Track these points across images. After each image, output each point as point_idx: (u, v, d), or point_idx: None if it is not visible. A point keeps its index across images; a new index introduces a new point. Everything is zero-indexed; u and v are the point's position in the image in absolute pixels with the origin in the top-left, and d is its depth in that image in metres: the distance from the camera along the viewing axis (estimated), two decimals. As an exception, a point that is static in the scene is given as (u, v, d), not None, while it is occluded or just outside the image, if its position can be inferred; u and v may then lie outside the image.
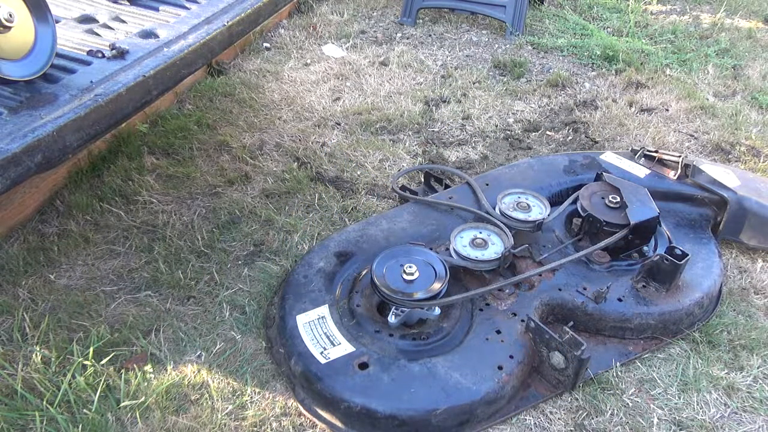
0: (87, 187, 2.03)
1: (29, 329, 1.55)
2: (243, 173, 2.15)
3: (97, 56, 1.50)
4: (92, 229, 1.88)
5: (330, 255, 1.68)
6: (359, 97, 2.66)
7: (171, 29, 1.66)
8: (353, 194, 2.09)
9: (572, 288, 1.60)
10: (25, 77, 1.36)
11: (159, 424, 1.36)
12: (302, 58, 2.97)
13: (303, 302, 1.54)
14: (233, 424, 1.37)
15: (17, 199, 1.85)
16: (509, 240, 1.64)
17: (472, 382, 1.35)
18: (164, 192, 2.04)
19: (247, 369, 1.49)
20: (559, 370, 1.42)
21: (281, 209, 2.00)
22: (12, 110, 1.26)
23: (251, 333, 1.59)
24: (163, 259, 1.77)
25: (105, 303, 1.65)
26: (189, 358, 1.51)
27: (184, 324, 1.60)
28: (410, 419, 1.32)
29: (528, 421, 1.40)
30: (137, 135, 2.27)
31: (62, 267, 1.76)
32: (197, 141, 2.30)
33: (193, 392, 1.43)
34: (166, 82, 1.53)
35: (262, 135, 2.37)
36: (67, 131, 1.26)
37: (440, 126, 2.49)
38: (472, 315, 1.53)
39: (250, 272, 1.76)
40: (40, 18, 1.38)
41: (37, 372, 1.43)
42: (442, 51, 3.11)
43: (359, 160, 2.26)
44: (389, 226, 1.78)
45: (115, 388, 1.43)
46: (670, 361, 1.55)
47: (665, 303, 1.58)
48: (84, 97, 1.34)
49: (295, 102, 2.60)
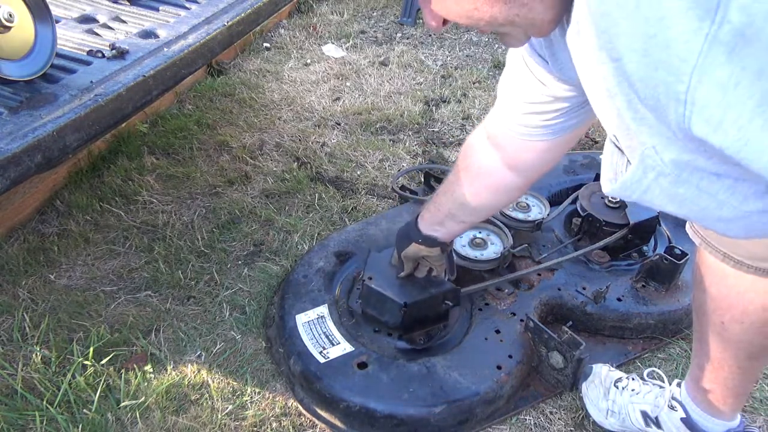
0: (87, 187, 2.03)
1: (29, 329, 1.55)
2: (243, 173, 2.15)
3: (97, 56, 1.51)
4: (92, 229, 1.88)
5: (330, 255, 1.68)
6: (359, 97, 2.66)
7: (171, 29, 1.67)
8: (353, 194, 2.09)
9: (572, 288, 1.60)
10: (25, 77, 1.36)
11: (159, 424, 1.36)
12: (302, 58, 2.97)
13: (302, 302, 1.55)
14: (233, 424, 1.37)
15: (17, 199, 1.86)
16: (508, 240, 1.64)
17: (471, 382, 1.36)
18: (164, 192, 2.04)
19: (247, 369, 1.49)
20: (558, 369, 1.42)
21: (281, 209, 2.00)
22: (12, 110, 1.26)
23: (251, 333, 1.59)
24: (163, 259, 1.77)
25: (105, 303, 1.65)
26: (189, 358, 1.51)
27: (184, 324, 1.60)
28: (409, 419, 1.32)
29: (528, 421, 1.40)
30: (137, 135, 2.28)
31: (62, 267, 1.76)
32: (197, 141, 2.30)
33: (193, 392, 1.44)
34: (166, 82, 1.53)
35: (262, 135, 2.37)
36: (67, 131, 1.26)
37: (440, 126, 2.49)
38: (471, 315, 1.53)
39: (250, 272, 1.76)
40: (40, 18, 1.38)
41: (37, 372, 1.44)
42: (442, 51, 3.11)
43: (359, 160, 2.26)
44: (389, 226, 1.78)
45: (115, 388, 1.43)
46: (669, 361, 1.55)
47: (665, 303, 1.58)
48: (84, 97, 1.34)
49: (295, 102, 2.60)
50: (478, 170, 1.19)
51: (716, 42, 0.45)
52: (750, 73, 0.45)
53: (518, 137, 1.07)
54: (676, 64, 0.48)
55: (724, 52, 0.45)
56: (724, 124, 0.48)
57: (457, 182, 1.23)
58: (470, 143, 1.20)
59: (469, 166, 1.20)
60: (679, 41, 0.47)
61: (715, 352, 1.12)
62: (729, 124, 0.48)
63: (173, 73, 1.54)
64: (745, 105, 0.46)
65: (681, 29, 0.46)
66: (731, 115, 0.47)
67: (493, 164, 1.16)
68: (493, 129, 1.13)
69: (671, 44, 0.47)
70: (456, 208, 1.26)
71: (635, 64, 0.51)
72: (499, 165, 1.16)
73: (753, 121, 0.47)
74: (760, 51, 0.44)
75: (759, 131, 0.47)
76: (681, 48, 0.47)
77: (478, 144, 1.18)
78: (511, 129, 1.08)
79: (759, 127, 0.47)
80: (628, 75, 0.53)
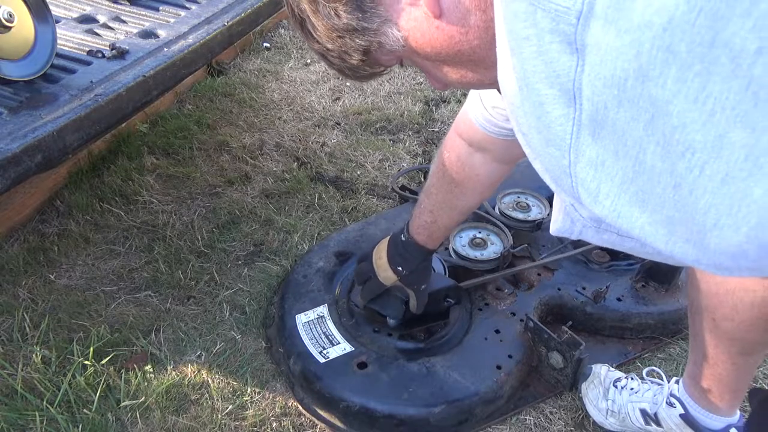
0: (87, 187, 2.03)
1: (29, 329, 1.55)
2: (243, 173, 2.15)
3: (97, 56, 1.51)
4: (92, 229, 1.88)
5: (330, 254, 1.68)
6: (359, 97, 2.66)
7: (171, 29, 1.67)
8: (353, 194, 2.09)
9: (571, 288, 1.60)
10: (25, 77, 1.36)
11: (159, 424, 1.36)
12: (302, 58, 2.97)
13: (302, 302, 1.55)
14: (233, 424, 1.37)
15: (17, 199, 1.86)
16: (508, 240, 1.64)
17: (471, 382, 1.36)
18: (164, 192, 2.05)
19: (247, 369, 1.49)
20: (558, 369, 1.42)
21: (281, 209, 2.00)
22: (12, 110, 1.26)
23: (251, 333, 1.59)
24: (163, 259, 1.78)
25: (105, 303, 1.65)
26: (189, 358, 1.51)
27: (184, 324, 1.60)
28: (409, 418, 1.32)
29: (528, 421, 1.40)
30: (137, 135, 2.28)
31: (62, 267, 1.76)
32: (197, 141, 2.30)
33: (193, 392, 1.44)
34: (166, 82, 1.53)
35: (262, 135, 2.37)
36: (67, 131, 1.26)
37: (440, 126, 2.49)
38: (471, 315, 1.53)
39: (250, 272, 1.76)
40: (40, 18, 1.38)
41: (37, 372, 1.44)
42: (442, 51, 3.11)
43: (359, 160, 2.26)
44: (389, 226, 1.78)
45: (115, 388, 1.43)
46: (669, 361, 1.55)
47: (665, 303, 1.58)
48: (84, 97, 1.34)
49: (295, 102, 2.60)
50: (476, 178, 1.19)
51: (582, 125, 0.49)
52: (610, 152, 0.49)
53: (501, 138, 1.08)
54: (558, 142, 0.52)
55: (589, 134, 0.49)
56: (600, 196, 0.52)
57: (452, 196, 1.23)
58: (453, 159, 1.19)
59: (464, 179, 1.20)
60: (555, 124, 0.51)
61: (709, 348, 1.13)
62: (603, 196, 0.52)
63: (173, 73, 1.54)
64: (613, 181, 0.51)
65: (556, 114, 0.51)
66: (604, 189, 0.52)
67: (487, 167, 1.18)
68: (472, 135, 1.13)
69: (551, 126, 0.52)
70: (455, 217, 1.28)
71: (535, 140, 0.56)
72: (494, 165, 1.17)
73: (620, 196, 0.51)
74: (610, 134, 0.48)
75: (627, 206, 0.51)
76: (558, 129, 0.51)
77: (464, 155, 1.18)
78: (491, 132, 1.08)
79: (626, 202, 0.51)
80: (533, 148, 0.58)
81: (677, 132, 0.43)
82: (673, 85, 0.42)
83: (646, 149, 0.46)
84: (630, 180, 0.49)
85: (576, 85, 0.47)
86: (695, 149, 0.43)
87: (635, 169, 0.48)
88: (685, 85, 0.41)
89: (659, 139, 0.45)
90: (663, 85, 0.42)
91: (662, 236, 0.50)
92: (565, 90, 0.49)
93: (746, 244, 0.45)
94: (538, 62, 0.49)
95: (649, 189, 0.48)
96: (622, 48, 0.43)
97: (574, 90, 0.48)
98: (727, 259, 0.48)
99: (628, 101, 0.45)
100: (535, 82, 0.50)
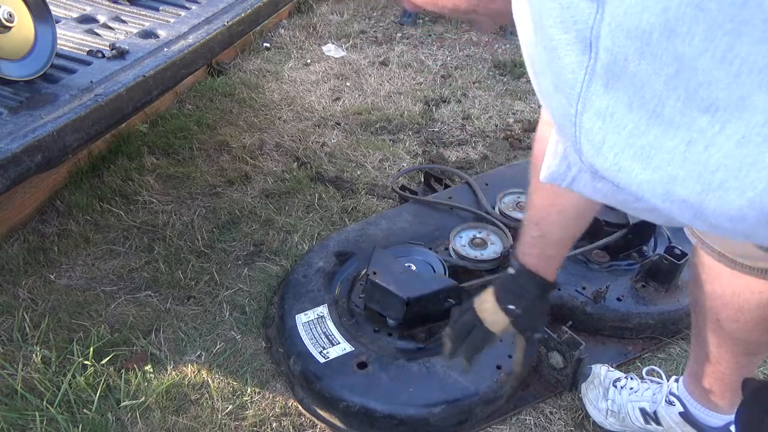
0: (87, 187, 2.03)
1: (29, 329, 1.55)
2: (243, 173, 2.15)
3: (97, 56, 1.51)
4: (92, 229, 1.88)
5: (330, 254, 1.68)
6: (359, 97, 2.66)
7: (171, 29, 1.67)
8: (353, 194, 2.09)
9: (571, 287, 1.60)
10: (25, 77, 1.37)
11: (159, 424, 1.36)
12: (302, 58, 2.97)
13: (302, 302, 1.55)
14: (233, 424, 1.37)
15: (17, 199, 1.86)
16: (508, 240, 1.64)
17: (471, 382, 1.36)
18: (164, 192, 2.05)
19: (247, 369, 1.49)
20: (558, 369, 1.42)
21: (281, 209, 2.00)
22: (12, 110, 1.26)
23: (251, 333, 1.59)
24: (163, 259, 1.78)
25: (105, 303, 1.65)
26: (189, 358, 1.51)
27: (184, 324, 1.60)
28: (409, 418, 1.32)
29: (528, 421, 1.40)
30: (137, 135, 2.28)
31: (62, 267, 1.76)
32: (197, 141, 2.30)
33: (193, 392, 1.44)
34: (166, 82, 1.53)
35: (262, 135, 2.38)
36: (67, 131, 1.27)
37: (440, 126, 2.49)
38: (472, 315, 1.53)
39: (250, 272, 1.76)
40: (40, 18, 1.39)
41: (37, 372, 1.44)
42: (442, 51, 3.11)
43: (359, 160, 2.26)
44: (389, 226, 1.78)
45: (115, 388, 1.43)
46: (669, 361, 1.55)
47: (664, 303, 1.58)
48: (84, 97, 1.34)
49: (295, 102, 2.60)
50: None
51: (595, 74, 0.49)
52: (623, 104, 0.48)
53: None
54: (568, 90, 0.52)
55: (602, 84, 0.49)
56: (604, 149, 0.52)
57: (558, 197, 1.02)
58: None
59: None
60: (567, 71, 0.50)
61: (712, 347, 1.13)
62: (607, 149, 0.52)
63: (173, 73, 1.54)
64: (620, 134, 0.50)
65: (568, 60, 0.50)
66: (609, 141, 0.51)
67: None
68: None
69: (563, 72, 0.51)
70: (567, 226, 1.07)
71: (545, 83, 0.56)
72: None
73: (625, 150, 0.50)
74: (627, 86, 0.47)
75: (630, 160, 0.50)
76: (569, 77, 0.51)
77: None
78: None
79: (629, 156, 0.50)
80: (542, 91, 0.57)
81: (702, 88, 0.43)
82: (701, 43, 0.41)
83: (666, 102, 0.46)
84: (641, 133, 0.49)
85: (594, 33, 0.46)
86: (718, 107, 0.43)
87: (650, 121, 0.48)
88: (713, 44, 0.41)
89: (681, 94, 0.44)
90: (690, 42, 0.41)
91: (660, 194, 0.50)
92: (582, 37, 0.47)
93: (747, 208, 0.45)
94: (554, 4, 0.48)
95: (658, 144, 0.48)
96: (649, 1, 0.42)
97: (591, 38, 0.47)
98: (725, 221, 0.47)
99: (651, 54, 0.44)
100: (549, 26, 0.49)
